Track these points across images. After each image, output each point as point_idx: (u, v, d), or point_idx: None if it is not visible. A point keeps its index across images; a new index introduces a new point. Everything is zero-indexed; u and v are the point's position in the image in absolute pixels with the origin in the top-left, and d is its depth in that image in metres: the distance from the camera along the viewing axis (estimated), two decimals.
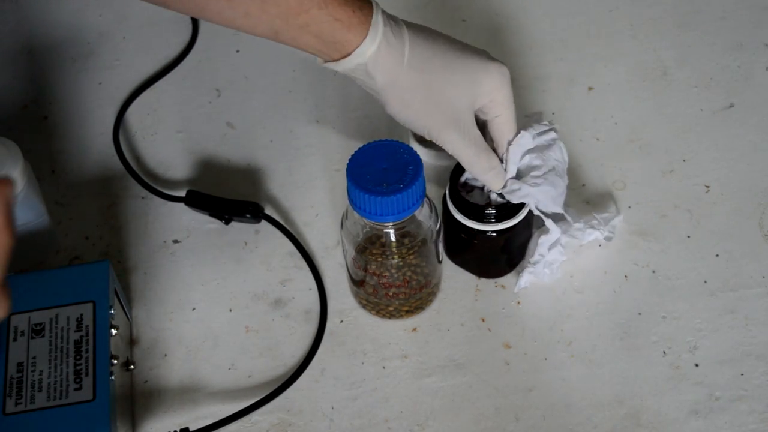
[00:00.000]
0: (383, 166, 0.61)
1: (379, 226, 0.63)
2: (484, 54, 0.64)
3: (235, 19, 0.57)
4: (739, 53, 0.86)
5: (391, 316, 0.69)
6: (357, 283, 0.68)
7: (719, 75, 0.84)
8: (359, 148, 0.62)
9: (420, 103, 0.61)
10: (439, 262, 0.69)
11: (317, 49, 0.59)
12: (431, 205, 0.65)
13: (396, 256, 0.65)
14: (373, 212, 0.61)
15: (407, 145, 0.62)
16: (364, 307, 0.70)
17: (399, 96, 0.60)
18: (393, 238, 0.64)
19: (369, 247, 0.65)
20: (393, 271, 0.66)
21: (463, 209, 0.67)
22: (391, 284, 0.67)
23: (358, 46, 0.58)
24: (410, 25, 0.61)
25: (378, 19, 0.59)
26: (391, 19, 0.60)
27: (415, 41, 0.60)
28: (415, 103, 0.61)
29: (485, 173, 0.64)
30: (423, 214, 0.64)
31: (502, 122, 0.64)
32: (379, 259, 0.65)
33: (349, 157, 0.61)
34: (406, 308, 0.69)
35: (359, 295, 0.70)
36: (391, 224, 0.63)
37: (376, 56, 0.59)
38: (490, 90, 0.62)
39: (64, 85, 0.87)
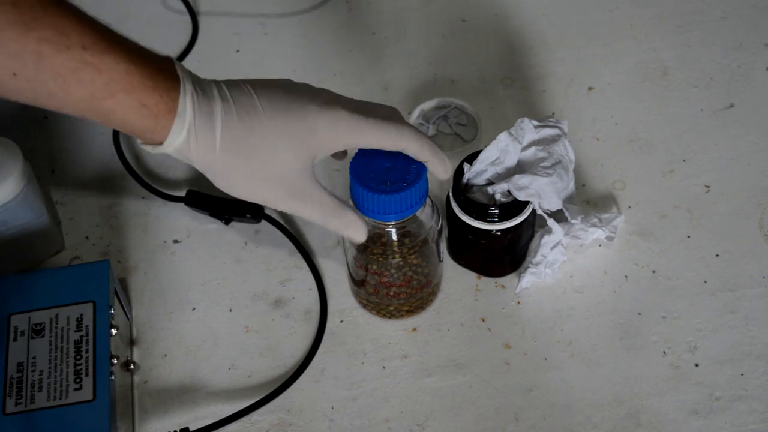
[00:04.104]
0: (386, 165, 0.60)
1: (381, 225, 0.63)
2: (315, 106, 0.57)
3: (38, 99, 0.52)
4: (739, 53, 0.86)
5: (391, 315, 0.69)
6: (358, 283, 0.68)
7: (719, 75, 0.84)
8: (362, 148, 0.62)
9: (243, 182, 0.57)
10: (440, 261, 0.69)
11: (131, 133, 0.55)
12: (433, 205, 0.65)
13: (397, 256, 0.65)
14: (376, 211, 0.60)
15: None
16: (364, 306, 0.70)
17: (221, 178, 0.57)
18: (395, 237, 0.64)
19: (370, 246, 0.65)
20: (393, 270, 0.66)
21: (467, 209, 0.67)
22: (392, 284, 0.67)
23: (166, 138, 0.54)
24: (225, 97, 0.56)
25: (185, 106, 0.54)
26: (202, 96, 0.55)
27: (229, 120, 0.55)
28: (238, 183, 0.57)
29: (344, 230, 0.60)
30: (425, 213, 0.64)
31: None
32: (380, 259, 0.65)
33: (352, 156, 0.61)
34: (406, 308, 0.69)
35: (360, 295, 0.70)
36: (392, 223, 0.63)
37: (187, 144, 0.55)
38: (327, 141, 0.57)
39: None
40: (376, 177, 0.60)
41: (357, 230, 0.60)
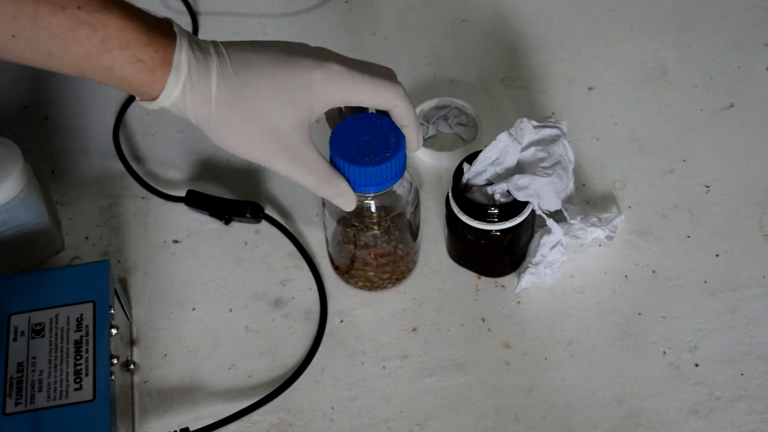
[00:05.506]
0: (365, 138, 0.61)
1: (360, 197, 0.64)
2: (311, 61, 0.58)
3: (38, 58, 0.54)
4: (739, 53, 0.86)
5: (372, 286, 0.71)
6: (342, 269, 0.70)
7: (719, 75, 0.84)
8: (339, 123, 0.62)
9: (238, 136, 0.58)
10: (417, 230, 0.70)
11: (127, 90, 0.57)
12: (411, 179, 0.66)
13: (376, 228, 0.66)
14: (358, 183, 0.61)
15: (386, 117, 0.62)
16: (347, 282, 0.71)
17: (216, 132, 0.58)
18: (374, 209, 0.65)
19: (351, 218, 0.66)
20: (380, 241, 0.67)
21: (467, 209, 0.67)
22: (383, 253, 0.67)
23: (162, 91, 0.56)
24: (221, 53, 0.57)
25: (181, 59, 0.55)
26: (199, 52, 0.56)
27: (225, 74, 0.56)
28: (233, 137, 0.58)
29: (334, 199, 0.61)
30: (402, 188, 0.65)
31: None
32: (360, 232, 0.66)
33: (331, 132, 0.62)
34: (389, 276, 0.70)
35: (341, 269, 0.71)
36: (372, 195, 0.63)
37: (183, 97, 0.56)
38: (323, 96, 0.58)
39: (64, 85, 0.87)
40: (356, 151, 0.61)
41: (347, 200, 0.62)
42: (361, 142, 0.61)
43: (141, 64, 0.54)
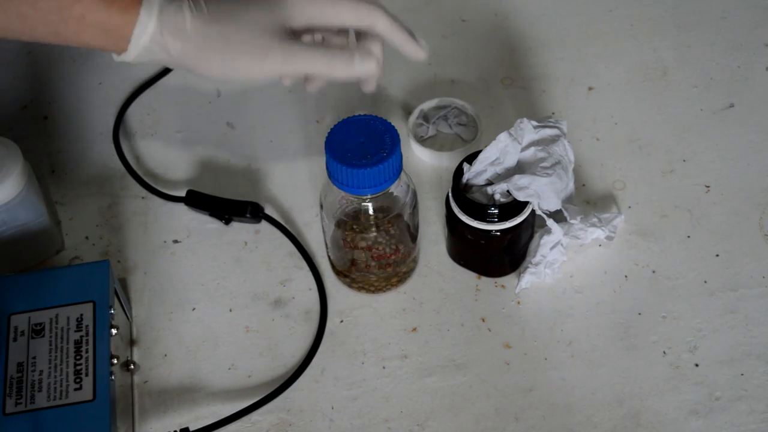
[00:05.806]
0: (360, 140, 0.61)
1: (358, 200, 0.64)
2: None
3: (10, 23, 0.55)
4: (739, 53, 0.86)
5: (376, 289, 0.71)
6: (341, 271, 0.70)
7: (719, 75, 0.84)
8: (335, 125, 0.62)
9: (221, 53, 0.57)
10: (416, 235, 0.70)
11: (103, 42, 0.57)
12: (408, 180, 0.66)
13: (373, 229, 0.66)
14: (356, 185, 0.61)
15: (381, 118, 0.62)
16: (350, 286, 0.71)
17: (196, 57, 0.58)
18: (371, 211, 0.65)
19: (349, 221, 0.66)
20: (381, 241, 0.67)
21: (467, 209, 0.67)
22: (383, 255, 0.67)
23: (136, 26, 0.56)
24: None
25: None
26: None
27: (197, 3, 0.57)
28: (216, 56, 0.58)
29: (352, 65, 0.59)
30: (400, 189, 0.65)
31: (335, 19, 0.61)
32: (360, 234, 0.66)
33: (327, 134, 0.62)
34: (395, 279, 0.70)
35: (343, 273, 0.71)
36: (369, 197, 0.63)
37: (160, 28, 0.56)
38: (300, 6, 0.58)
39: (64, 85, 0.87)
40: (352, 153, 0.61)
41: (366, 60, 0.59)
42: (356, 144, 0.61)
43: (113, 7, 0.55)
